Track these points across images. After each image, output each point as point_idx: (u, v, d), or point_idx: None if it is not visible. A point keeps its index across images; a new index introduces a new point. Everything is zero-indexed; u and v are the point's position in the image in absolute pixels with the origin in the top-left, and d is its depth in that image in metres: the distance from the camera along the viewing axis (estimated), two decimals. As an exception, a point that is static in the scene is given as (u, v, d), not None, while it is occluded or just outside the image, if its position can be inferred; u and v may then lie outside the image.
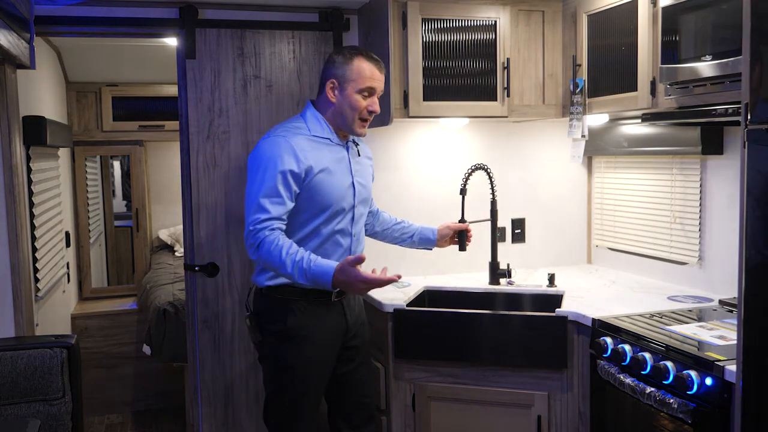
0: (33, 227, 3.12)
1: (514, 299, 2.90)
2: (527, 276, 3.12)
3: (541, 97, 3.00)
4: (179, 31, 2.95)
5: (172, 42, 3.12)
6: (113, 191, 6.35)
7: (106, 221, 5.73)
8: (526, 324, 2.54)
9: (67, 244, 4.26)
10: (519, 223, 3.37)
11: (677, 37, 2.26)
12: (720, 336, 2.08)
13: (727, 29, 2.07)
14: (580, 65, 2.82)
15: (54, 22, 2.83)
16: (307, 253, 2.15)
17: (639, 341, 2.15)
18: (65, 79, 4.69)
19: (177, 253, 5.27)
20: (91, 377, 4.14)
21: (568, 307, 2.54)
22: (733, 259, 2.14)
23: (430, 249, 2.79)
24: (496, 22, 2.87)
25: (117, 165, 6.61)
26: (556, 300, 2.72)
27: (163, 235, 5.51)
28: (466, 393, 2.60)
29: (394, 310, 2.66)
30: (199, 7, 2.93)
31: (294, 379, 2.33)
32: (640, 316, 2.37)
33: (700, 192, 2.74)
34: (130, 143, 5.08)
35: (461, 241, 2.76)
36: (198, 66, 2.96)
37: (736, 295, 1.78)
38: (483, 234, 3.04)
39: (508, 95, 2.89)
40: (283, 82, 3.06)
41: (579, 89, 2.81)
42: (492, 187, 2.97)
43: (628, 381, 2.13)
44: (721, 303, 2.51)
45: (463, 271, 3.24)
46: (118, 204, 6.54)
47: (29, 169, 3.16)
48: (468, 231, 2.77)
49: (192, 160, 2.99)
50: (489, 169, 2.94)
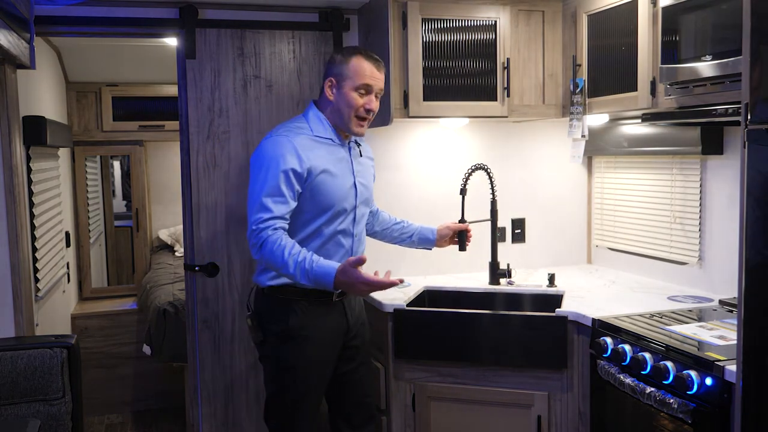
0: (33, 227, 3.12)
1: (514, 299, 2.90)
2: (527, 276, 3.12)
3: (541, 97, 3.00)
4: (179, 31, 2.95)
5: (172, 42, 3.12)
6: (113, 191, 6.35)
7: (106, 221, 5.73)
8: (526, 324, 2.54)
9: (67, 244, 4.25)
10: (519, 223, 3.37)
11: (677, 37, 2.26)
12: (720, 336, 2.08)
13: (727, 29, 2.07)
14: (580, 65, 2.82)
15: (54, 22, 2.83)
16: (310, 254, 2.15)
17: (639, 341, 2.15)
18: (65, 79, 4.69)
19: (177, 253, 5.27)
20: (91, 377, 4.14)
21: (568, 307, 2.54)
22: (733, 259, 2.14)
23: (430, 249, 2.79)
24: (496, 22, 2.87)
25: (117, 165, 6.61)
26: (556, 300, 2.72)
27: (163, 235, 5.51)
28: (466, 393, 2.61)
29: (394, 310, 2.67)
30: (199, 7, 2.94)
31: (295, 379, 2.33)
32: (640, 316, 2.37)
33: (700, 192, 2.74)
34: (130, 143, 5.08)
35: (461, 241, 2.76)
36: (198, 66, 2.96)
37: (736, 295, 1.78)
38: (483, 234, 3.04)
39: (508, 95, 2.89)
40: (283, 82, 3.06)
41: (579, 89, 2.81)
42: (492, 187, 2.97)
43: (628, 381, 2.13)
44: (721, 303, 2.51)
45: (463, 271, 3.24)
46: (118, 204, 6.54)
47: (29, 169, 3.16)
48: (468, 231, 2.77)
49: (192, 160, 2.99)
50: (489, 169, 2.94)
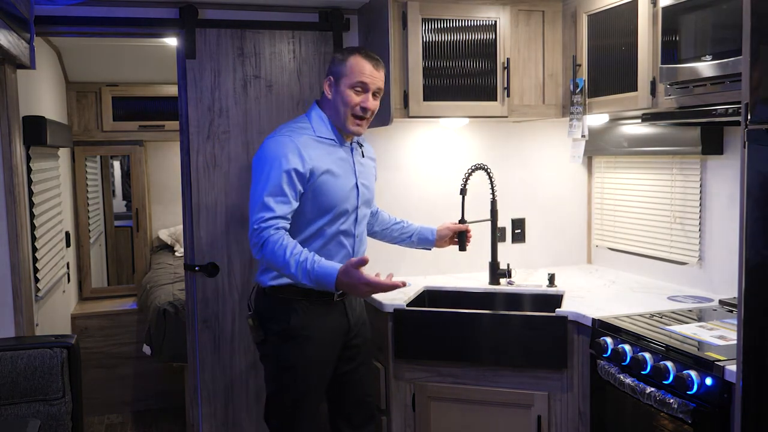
0: (33, 227, 3.12)
1: (514, 299, 2.90)
2: (527, 276, 3.12)
3: (541, 97, 3.00)
4: (179, 31, 2.95)
5: (172, 42, 3.12)
6: (113, 191, 6.35)
7: (106, 221, 5.73)
8: (526, 324, 2.54)
9: (67, 244, 4.25)
10: (519, 223, 3.37)
11: (677, 37, 2.26)
12: (720, 336, 2.08)
13: (727, 29, 2.07)
14: (580, 65, 2.82)
15: (54, 22, 2.83)
16: (311, 254, 2.15)
17: (639, 341, 2.15)
18: (65, 79, 4.69)
19: (177, 253, 5.27)
20: (91, 377, 4.14)
21: (568, 307, 2.54)
22: (733, 259, 2.14)
23: (429, 249, 2.79)
24: (496, 22, 2.87)
25: (117, 165, 6.61)
26: (556, 300, 2.72)
27: (163, 235, 5.51)
28: (466, 393, 2.60)
29: (395, 310, 2.67)
30: (199, 7, 2.94)
31: (296, 378, 2.33)
32: (640, 316, 2.37)
33: (700, 192, 2.74)
34: (130, 143, 5.08)
35: (461, 241, 2.76)
36: (198, 66, 2.96)
37: (736, 295, 1.78)
38: (483, 234, 3.04)
39: (508, 95, 2.89)
40: (283, 82, 3.06)
41: (579, 89, 2.81)
42: (492, 187, 2.97)
43: (628, 381, 2.13)
44: (721, 303, 2.51)
45: (463, 271, 3.24)
46: (118, 204, 6.54)
47: (29, 169, 3.16)
48: (468, 231, 2.77)
49: (192, 160, 2.99)
50: (489, 169, 2.94)
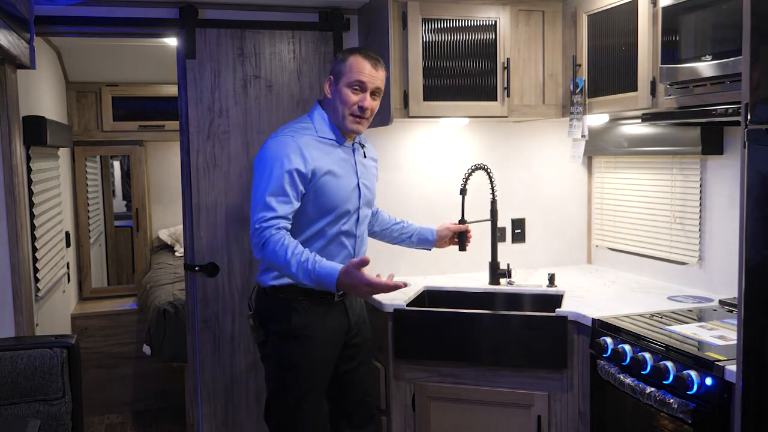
0: (33, 227, 3.12)
1: (514, 299, 2.90)
2: (527, 276, 3.12)
3: (541, 97, 3.00)
4: (179, 31, 2.95)
5: (172, 42, 3.12)
6: (113, 191, 6.35)
7: (106, 221, 5.73)
8: (526, 324, 2.54)
9: (67, 244, 4.25)
10: (519, 223, 3.37)
11: (677, 37, 2.26)
12: (720, 336, 2.08)
13: (727, 29, 2.07)
14: (580, 65, 2.82)
15: (54, 22, 2.83)
16: (312, 254, 2.15)
17: (639, 341, 2.15)
18: (65, 79, 4.69)
19: (177, 253, 5.27)
20: (91, 377, 4.14)
21: (568, 307, 2.54)
22: (733, 259, 2.14)
23: (429, 249, 2.79)
24: (496, 22, 2.87)
25: (117, 165, 6.61)
26: (556, 300, 2.72)
27: (163, 235, 5.51)
28: (466, 393, 2.60)
29: (394, 310, 2.67)
30: (199, 7, 2.94)
31: (297, 378, 2.33)
32: (640, 316, 2.37)
33: (700, 192, 2.74)
34: (130, 143, 5.08)
35: (461, 241, 2.76)
36: (198, 66, 2.96)
37: (736, 295, 1.78)
38: (483, 234, 3.04)
39: (508, 95, 2.89)
40: (283, 82, 3.06)
41: (579, 89, 2.81)
42: (492, 187, 2.97)
43: (628, 381, 2.13)
44: (721, 303, 2.51)
45: (463, 271, 3.24)
46: (118, 204, 6.54)
47: (29, 169, 3.16)
48: (468, 231, 2.77)
49: (192, 160, 2.99)
50: (489, 169, 2.94)
